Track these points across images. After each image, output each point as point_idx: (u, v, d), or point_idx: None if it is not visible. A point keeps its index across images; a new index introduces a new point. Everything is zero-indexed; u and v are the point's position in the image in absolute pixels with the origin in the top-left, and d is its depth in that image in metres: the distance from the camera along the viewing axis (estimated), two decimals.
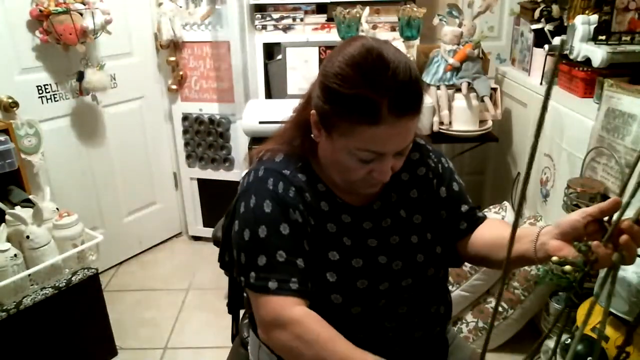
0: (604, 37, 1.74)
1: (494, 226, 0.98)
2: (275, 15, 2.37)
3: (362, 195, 0.94)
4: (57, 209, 1.85)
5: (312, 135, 0.89)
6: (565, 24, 1.96)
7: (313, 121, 0.87)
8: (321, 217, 0.91)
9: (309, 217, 0.89)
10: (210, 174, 2.74)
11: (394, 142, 0.81)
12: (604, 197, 1.51)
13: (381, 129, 0.77)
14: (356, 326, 0.91)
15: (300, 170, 0.92)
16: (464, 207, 1.01)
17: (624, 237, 0.64)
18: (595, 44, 1.75)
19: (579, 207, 1.51)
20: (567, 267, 0.60)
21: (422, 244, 0.96)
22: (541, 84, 2.11)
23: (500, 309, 1.90)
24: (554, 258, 0.66)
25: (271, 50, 2.43)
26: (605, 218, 0.71)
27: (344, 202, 0.93)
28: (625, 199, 0.57)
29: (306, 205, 0.90)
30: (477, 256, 0.97)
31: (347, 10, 2.11)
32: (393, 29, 2.35)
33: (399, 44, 2.15)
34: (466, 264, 1.13)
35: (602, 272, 0.59)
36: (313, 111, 0.86)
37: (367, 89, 0.76)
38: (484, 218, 1.02)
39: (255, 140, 2.11)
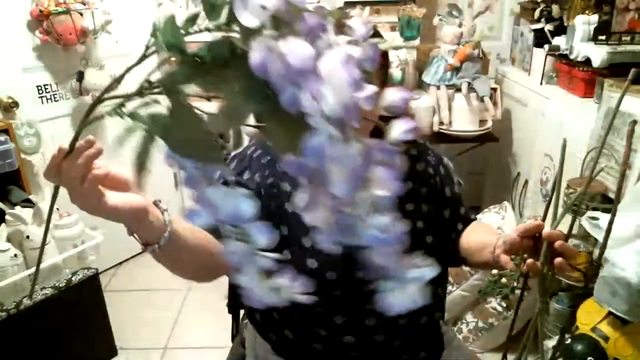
0: (604, 37, 1.74)
1: (473, 230, 1.05)
2: None
3: None
4: (57, 209, 1.84)
5: None
6: (565, 24, 1.96)
7: None
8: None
9: (267, 179, 0.94)
10: None
11: None
12: (604, 196, 1.51)
13: None
14: (335, 302, 0.92)
15: None
16: (462, 210, 1.06)
17: (558, 260, 0.76)
18: (595, 44, 1.75)
19: (579, 207, 1.51)
20: (503, 280, 0.64)
21: (411, 230, 0.98)
22: (541, 84, 2.11)
23: (499, 308, 1.90)
24: (494, 271, 0.75)
25: None
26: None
27: None
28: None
29: (275, 171, 0.94)
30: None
31: (348, 10, 2.11)
32: (393, 29, 2.35)
33: (399, 44, 2.15)
34: None
35: (602, 272, 0.59)
36: None
37: None
38: (474, 220, 1.08)
39: None
